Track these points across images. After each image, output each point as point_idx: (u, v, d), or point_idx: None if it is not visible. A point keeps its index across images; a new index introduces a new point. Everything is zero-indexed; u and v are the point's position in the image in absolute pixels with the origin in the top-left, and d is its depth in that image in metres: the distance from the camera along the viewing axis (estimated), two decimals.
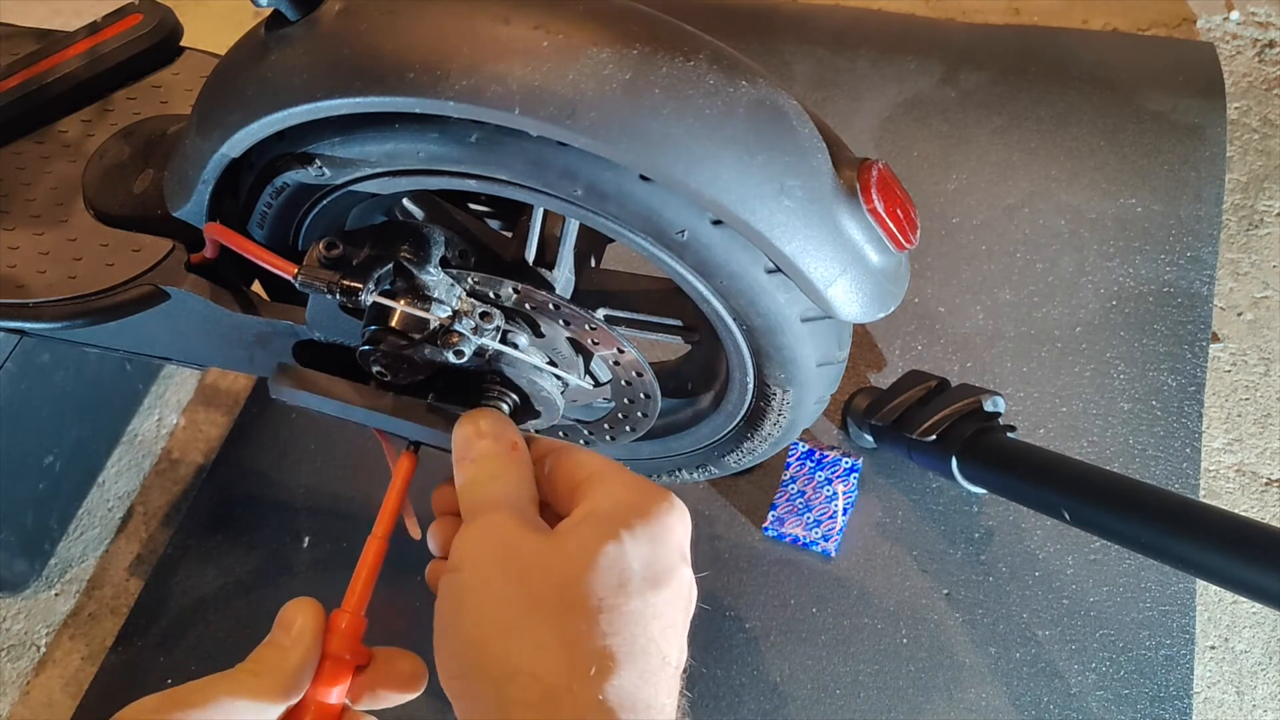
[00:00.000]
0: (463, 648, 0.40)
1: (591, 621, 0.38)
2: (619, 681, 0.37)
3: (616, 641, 0.38)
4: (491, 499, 0.45)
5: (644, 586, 0.39)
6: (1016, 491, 0.94)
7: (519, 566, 0.40)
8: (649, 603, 0.39)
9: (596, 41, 0.48)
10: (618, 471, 0.45)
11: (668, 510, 0.42)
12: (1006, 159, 1.33)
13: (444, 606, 0.42)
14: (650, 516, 0.41)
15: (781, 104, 0.51)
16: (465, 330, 0.55)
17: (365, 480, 1.18)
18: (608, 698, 0.36)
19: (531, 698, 0.37)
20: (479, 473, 0.47)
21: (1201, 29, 1.47)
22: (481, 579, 0.41)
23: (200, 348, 0.72)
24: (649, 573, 0.40)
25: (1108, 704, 0.95)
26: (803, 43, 1.49)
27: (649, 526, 0.41)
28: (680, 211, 0.52)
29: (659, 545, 0.41)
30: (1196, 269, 1.20)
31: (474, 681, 0.39)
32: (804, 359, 0.61)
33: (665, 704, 0.38)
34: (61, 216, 0.71)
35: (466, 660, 0.39)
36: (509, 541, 0.42)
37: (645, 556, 0.40)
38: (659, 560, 0.40)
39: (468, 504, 0.45)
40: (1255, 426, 1.12)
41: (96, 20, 0.80)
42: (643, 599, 0.39)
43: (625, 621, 0.38)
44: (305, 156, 0.54)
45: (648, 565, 0.40)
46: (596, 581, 0.39)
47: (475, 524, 0.43)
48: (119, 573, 1.18)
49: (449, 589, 0.41)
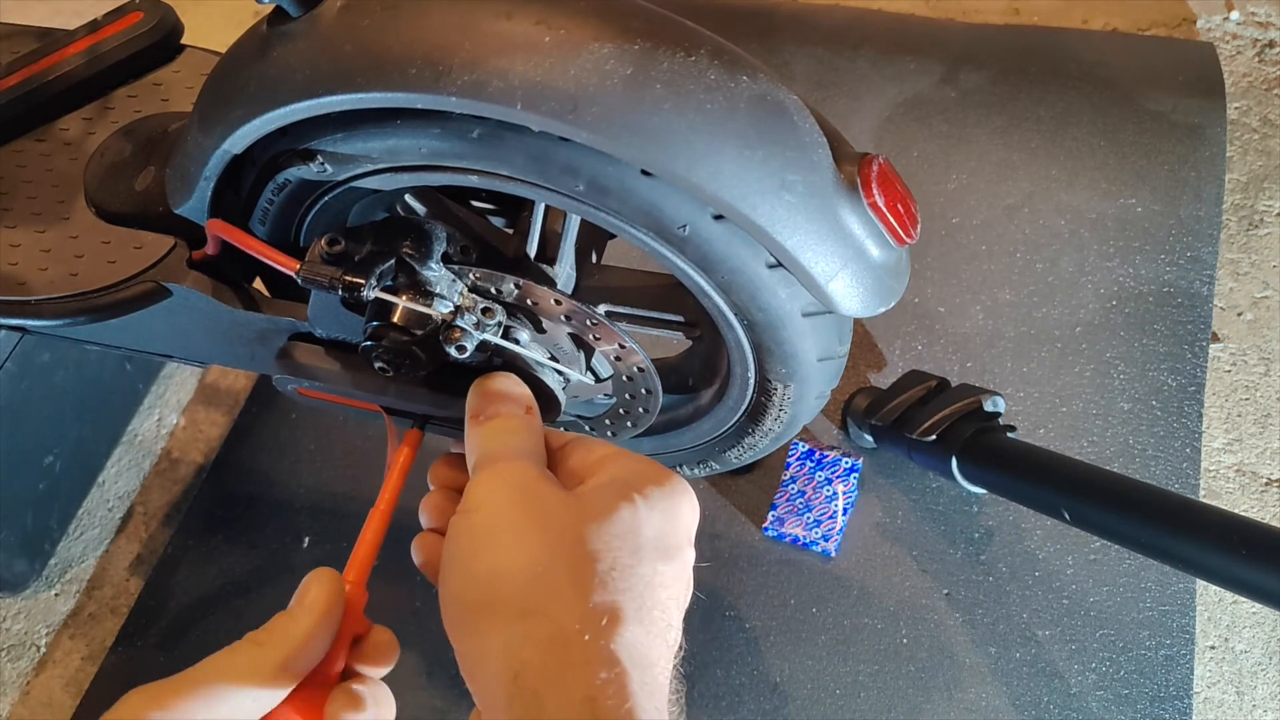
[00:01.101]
0: (475, 584, 0.40)
1: (605, 575, 0.39)
2: (628, 635, 0.37)
3: (627, 599, 0.38)
4: (509, 449, 0.46)
5: (655, 555, 0.40)
6: (1016, 491, 0.94)
7: (540, 511, 0.41)
8: (658, 570, 0.40)
9: (598, 37, 0.48)
10: (632, 453, 0.46)
11: (682, 491, 0.43)
12: (1006, 159, 1.33)
13: (457, 546, 0.42)
14: (665, 489, 0.43)
15: (782, 99, 0.51)
16: (467, 326, 0.55)
17: (365, 480, 1.18)
18: (616, 649, 0.37)
19: (542, 637, 0.37)
20: (496, 427, 0.47)
21: (1201, 29, 1.47)
22: (502, 519, 0.41)
23: (202, 345, 0.72)
24: (661, 543, 0.41)
25: (1108, 704, 0.95)
26: (803, 43, 1.49)
27: (664, 499, 0.42)
28: (682, 207, 0.52)
29: (671, 519, 0.42)
30: (1196, 269, 1.20)
31: (483, 618, 0.39)
32: (805, 354, 0.61)
33: (666, 669, 0.39)
34: (63, 214, 0.71)
35: (478, 596, 0.40)
36: (529, 487, 0.42)
37: (658, 526, 0.41)
38: (669, 534, 0.42)
39: (484, 454, 0.46)
40: (1255, 426, 1.12)
41: (97, 18, 0.80)
42: (652, 566, 0.40)
43: (636, 581, 0.39)
44: (307, 153, 0.54)
45: (660, 536, 0.41)
46: (613, 538, 0.40)
47: (495, 468, 0.44)
48: (119, 573, 1.18)
49: (462, 529, 0.42)
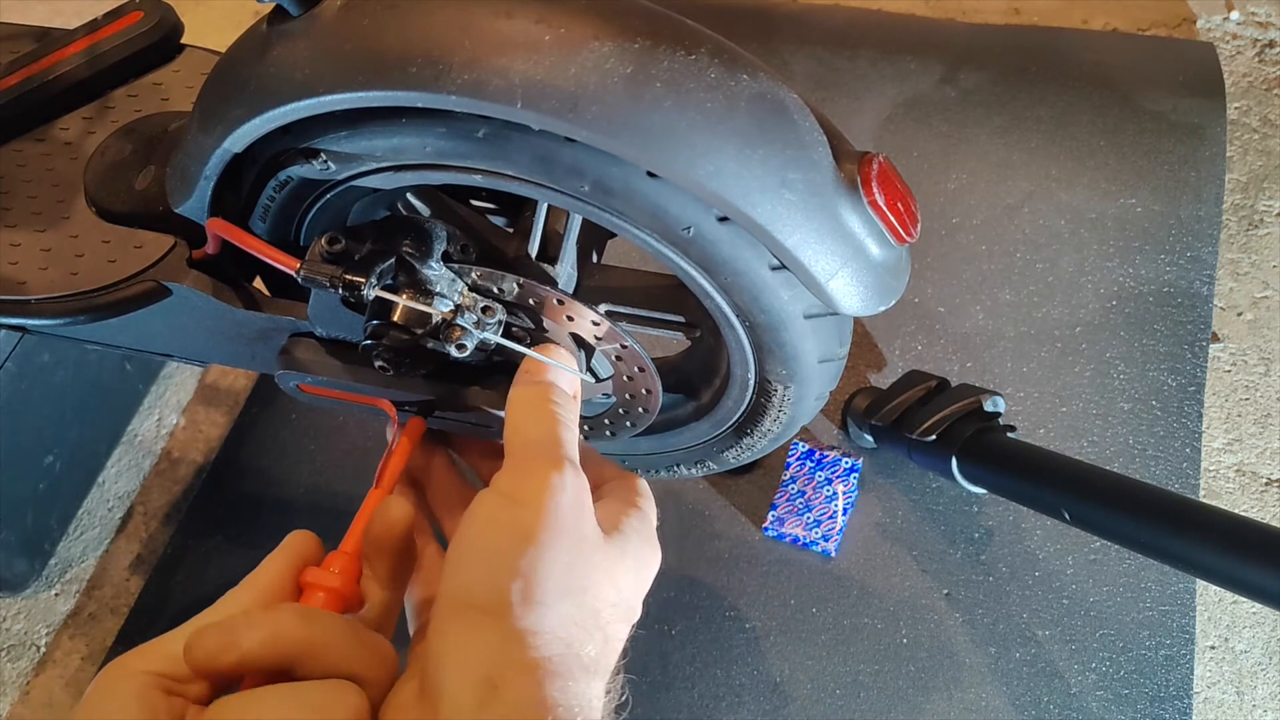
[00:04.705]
0: (494, 578, 0.41)
1: (612, 623, 0.44)
2: (597, 687, 0.42)
3: (609, 652, 0.43)
4: (567, 449, 0.47)
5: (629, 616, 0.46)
6: (1016, 491, 0.94)
7: (580, 536, 0.44)
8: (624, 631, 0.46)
9: (598, 35, 0.48)
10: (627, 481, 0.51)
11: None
12: (1006, 159, 1.33)
13: (492, 534, 0.43)
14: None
15: (782, 98, 0.51)
16: (467, 324, 0.55)
17: (365, 480, 1.17)
18: (591, 698, 0.41)
19: (532, 660, 0.39)
20: (553, 414, 0.49)
21: (1201, 29, 1.47)
22: (550, 530, 0.43)
23: (202, 344, 0.72)
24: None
25: (1108, 704, 0.95)
26: (803, 43, 1.49)
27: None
28: (687, 208, 0.52)
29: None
30: (1196, 269, 1.20)
31: (483, 614, 0.40)
32: (806, 355, 0.61)
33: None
34: (63, 214, 0.71)
35: (491, 595, 0.40)
36: (583, 506, 0.45)
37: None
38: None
39: (540, 443, 0.47)
40: (1255, 426, 1.12)
41: (97, 18, 0.80)
42: (626, 626, 0.45)
43: (619, 636, 0.45)
44: (311, 151, 0.54)
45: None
46: (639, 588, 0.46)
47: (559, 472, 0.45)
48: (119, 573, 1.18)
49: (502, 519, 0.43)
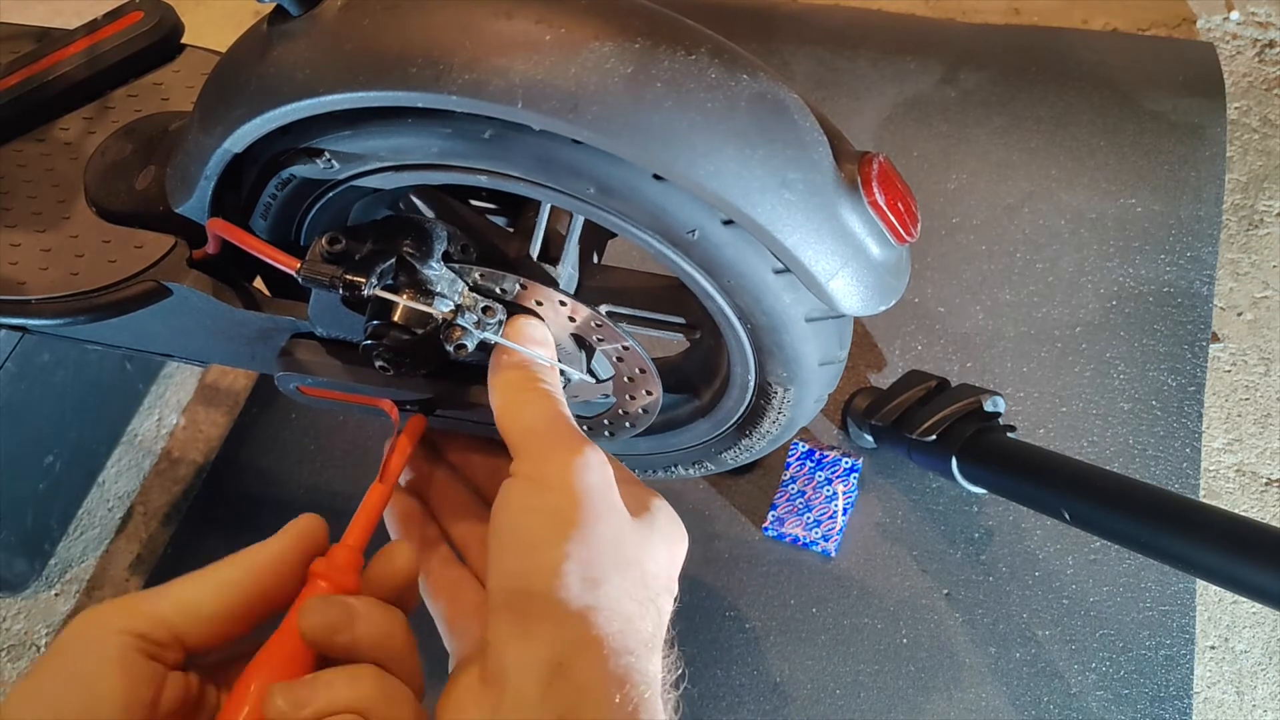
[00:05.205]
0: (540, 564, 0.42)
1: (655, 601, 0.45)
2: (655, 663, 0.44)
3: (659, 624, 0.45)
4: (577, 427, 0.48)
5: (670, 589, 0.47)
6: (1016, 491, 0.94)
7: (615, 518, 0.45)
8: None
9: (598, 35, 0.48)
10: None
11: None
12: (1006, 159, 1.33)
13: (527, 521, 0.44)
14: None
15: (783, 98, 0.51)
16: (468, 325, 0.55)
17: (365, 480, 1.17)
18: (651, 670, 0.43)
19: (591, 638, 0.40)
20: (547, 393, 0.50)
21: (1201, 29, 1.47)
22: (582, 512, 0.44)
23: (202, 344, 0.72)
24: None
25: (1108, 704, 0.95)
26: (803, 43, 1.49)
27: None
28: (692, 211, 0.52)
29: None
30: (1196, 269, 1.20)
31: (538, 604, 0.41)
32: (806, 357, 0.61)
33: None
34: (63, 214, 0.71)
35: (538, 580, 0.42)
36: (611, 485, 0.46)
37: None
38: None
39: (551, 421, 0.48)
40: (1255, 426, 1.12)
41: (97, 18, 0.80)
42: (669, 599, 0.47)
43: (665, 610, 0.46)
44: (314, 150, 0.54)
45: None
46: (674, 567, 0.48)
47: (585, 454, 0.45)
48: (119, 573, 1.18)
49: (535, 506, 0.44)
